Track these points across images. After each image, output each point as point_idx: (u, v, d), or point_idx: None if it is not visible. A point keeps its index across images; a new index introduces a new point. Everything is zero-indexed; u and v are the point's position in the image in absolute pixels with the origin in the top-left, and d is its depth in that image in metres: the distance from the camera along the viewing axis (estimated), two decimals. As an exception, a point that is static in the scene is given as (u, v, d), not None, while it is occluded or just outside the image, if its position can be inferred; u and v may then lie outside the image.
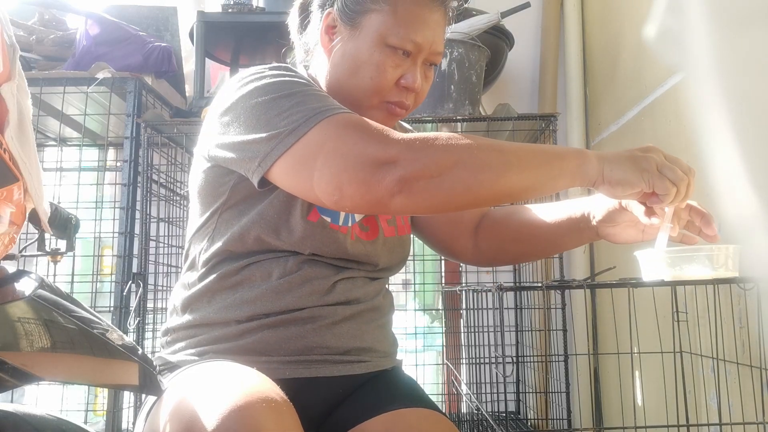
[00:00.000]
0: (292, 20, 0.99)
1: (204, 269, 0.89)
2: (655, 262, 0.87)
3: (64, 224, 1.03)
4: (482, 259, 1.12)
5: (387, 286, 1.01)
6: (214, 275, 0.87)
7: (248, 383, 0.71)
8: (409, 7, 0.85)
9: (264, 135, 0.77)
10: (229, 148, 0.81)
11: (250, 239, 0.85)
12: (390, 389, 0.90)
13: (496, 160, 0.72)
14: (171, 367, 0.87)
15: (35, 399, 1.93)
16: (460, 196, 0.72)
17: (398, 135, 0.74)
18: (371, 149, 0.72)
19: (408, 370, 1.86)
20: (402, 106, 0.90)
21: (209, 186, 0.89)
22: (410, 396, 0.89)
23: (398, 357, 1.00)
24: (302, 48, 0.98)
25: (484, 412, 1.27)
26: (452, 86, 1.63)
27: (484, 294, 1.15)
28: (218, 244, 0.87)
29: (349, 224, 0.90)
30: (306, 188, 0.76)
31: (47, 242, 1.06)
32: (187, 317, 0.89)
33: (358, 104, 0.89)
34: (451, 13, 0.92)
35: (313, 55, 0.95)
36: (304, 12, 0.96)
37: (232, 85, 0.85)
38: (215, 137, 0.84)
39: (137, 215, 1.71)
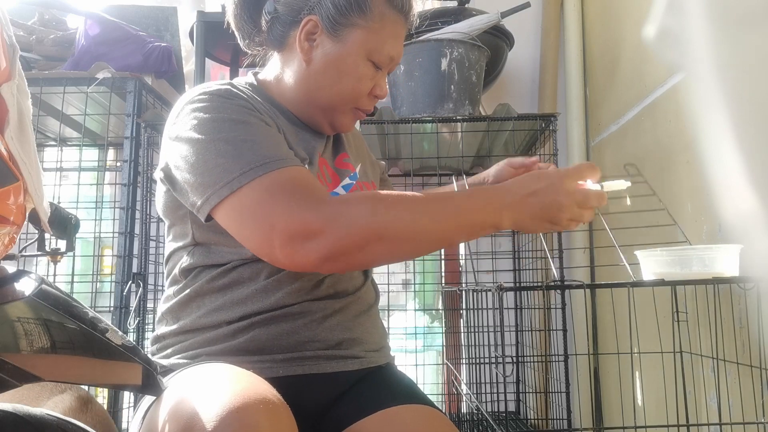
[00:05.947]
0: (239, 16, 0.97)
1: (187, 279, 0.90)
2: (655, 262, 0.87)
3: (64, 224, 1.03)
4: None
5: (372, 275, 1.02)
6: (200, 281, 0.88)
7: (244, 384, 0.71)
8: (390, 25, 0.91)
9: (201, 180, 0.79)
10: (170, 181, 0.85)
11: (230, 266, 0.87)
12: (385, 387, 0.90)
13: (414, 231, 0.77)
14: (165, 371, 0.87)
15: (35, 399, 1.93)
16: (383, 262, 0.82)
17: (326, 201, 0.76)
18: (297, 221, 0.74)
19: (408, 370, 1.86)
20: (369, 112, 0.98)
21: (171, 208, 0.90)
22: (406, 393, 0.89)
23: (398, 357, 1.00)
24: (255, 45, 0.99)
25: (484, 412, 1.27)
26: (452, 86, 1.63)
27: (484, 294, 1.15)
28: (199, 258, 0.88)
29: None
30: (243, 240, 0.79)
31: (47, 242, 1.05)
32: (176, 324, 0.89)
33: (332, 108, 0.94)
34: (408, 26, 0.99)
35: (273, 59, 0.98)
36: (257, 10, 0.95)
37: (179, 108, 0.86)
38: (162, 162, 0.87)
39: (137, 215, 1.71)
